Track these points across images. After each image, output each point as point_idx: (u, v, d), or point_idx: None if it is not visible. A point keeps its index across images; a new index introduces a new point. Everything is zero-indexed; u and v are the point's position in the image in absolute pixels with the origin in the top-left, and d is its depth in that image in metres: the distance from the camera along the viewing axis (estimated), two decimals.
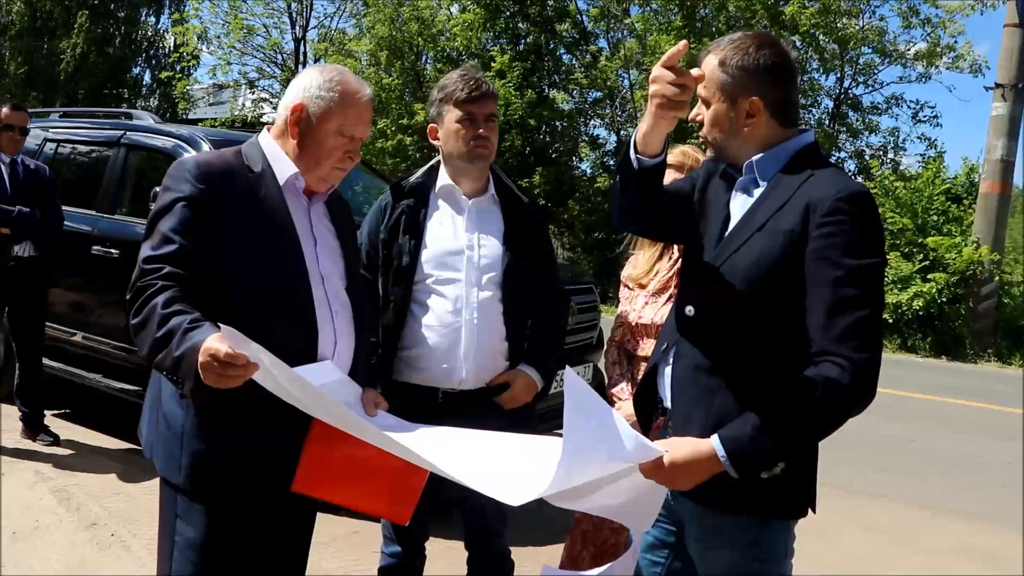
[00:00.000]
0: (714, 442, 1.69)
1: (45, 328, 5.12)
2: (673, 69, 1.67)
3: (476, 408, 2.48)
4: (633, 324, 2.77)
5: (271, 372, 1.72)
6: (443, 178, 2.61)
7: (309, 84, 2.03)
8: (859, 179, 13.33)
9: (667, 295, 2.70)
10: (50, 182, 5.05)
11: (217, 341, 1.65)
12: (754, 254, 1.78)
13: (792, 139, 1.85)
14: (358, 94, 2.04)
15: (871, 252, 1.70)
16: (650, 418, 2.01)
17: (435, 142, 2.62)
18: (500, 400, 2.56)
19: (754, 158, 1.85)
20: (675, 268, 2.73)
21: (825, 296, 1.68)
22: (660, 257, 2.79)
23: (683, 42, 1.67)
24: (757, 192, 1.85)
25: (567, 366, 1.71)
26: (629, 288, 2.86)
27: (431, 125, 2.63)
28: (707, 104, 1.85)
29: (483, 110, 2.54)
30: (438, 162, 2.65)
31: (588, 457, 1.64)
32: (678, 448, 1.71)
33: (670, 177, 2.67)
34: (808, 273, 1.71)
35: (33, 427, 5.02)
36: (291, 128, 2.03)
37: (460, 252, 2.55)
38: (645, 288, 2.79)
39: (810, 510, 1.87)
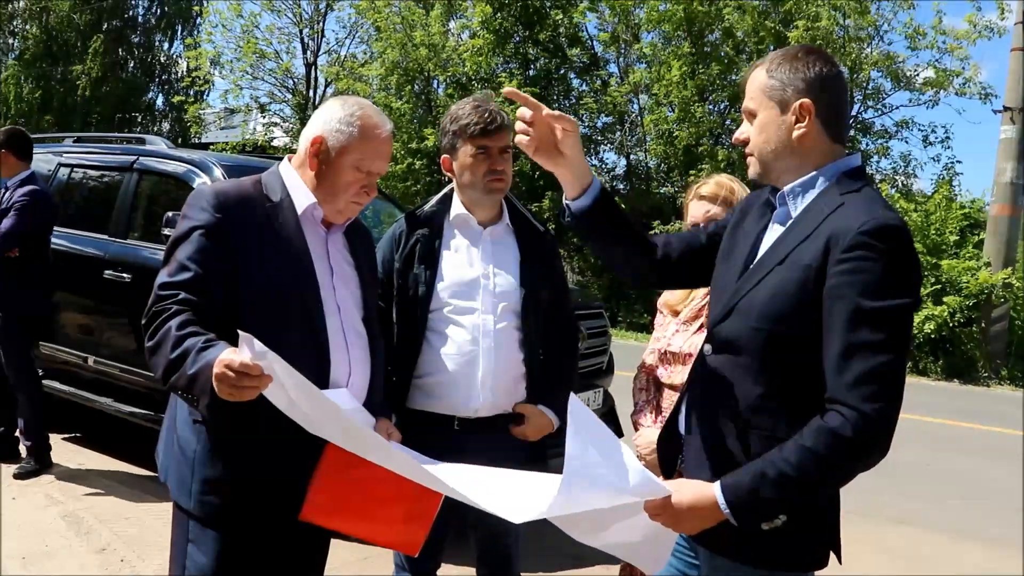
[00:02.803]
0: (716, 489, 1.62)
1: (26, 370, 4.91)
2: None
3: (491, 434, 2.46)
4: (662, 351, 2.73)
5: (284, 386, 1.71)
6: (457, 207, 2.59)
7: (330, 117, 2.04)
8: None
9: (698, 323, 2.65)
10: (8, 207, 4.71)
11: (233, 353, 1.65)
12: (769, 289, 1.67)
13: (836, 161, 1.73)
14: (377, 128, 2.04)
15: (896, 292, 1.55)
16: (676, 457, 1.94)
17: (448, 173, 2.59)
18: (512, 431, 2.54)
19: (786, 187, 1.74)
20: (708, 296, 2.67)
21: (839, 339, 1.55)
22: None
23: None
24: (789, 223, 1.74)
25: (571, 393, 1.68)
26: (663, 314, 2.83)
27: (444, 156, 2.59)
28: (753, 116, 1.75)
29: (498, 143, 2.49)
30: (451, 190, 2.62)
31: (591, 482, 1.60)
32: (683, 491, 1.65)
33: (703, 209, 2.65)
34: (824, 313, 1.58)
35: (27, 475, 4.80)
36: (310, 159, 2.04)
37: (476, 281, 2.52)
38: (678, 316, 2.75)
39: (836, 558, 1.75)
